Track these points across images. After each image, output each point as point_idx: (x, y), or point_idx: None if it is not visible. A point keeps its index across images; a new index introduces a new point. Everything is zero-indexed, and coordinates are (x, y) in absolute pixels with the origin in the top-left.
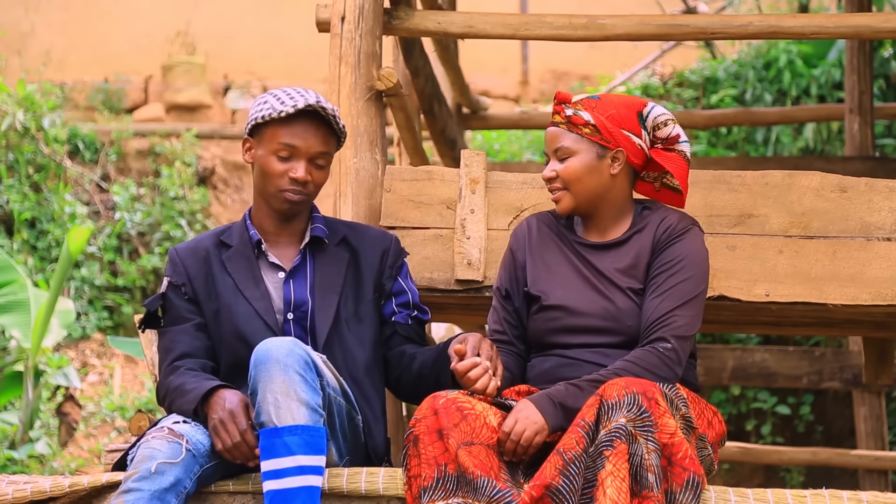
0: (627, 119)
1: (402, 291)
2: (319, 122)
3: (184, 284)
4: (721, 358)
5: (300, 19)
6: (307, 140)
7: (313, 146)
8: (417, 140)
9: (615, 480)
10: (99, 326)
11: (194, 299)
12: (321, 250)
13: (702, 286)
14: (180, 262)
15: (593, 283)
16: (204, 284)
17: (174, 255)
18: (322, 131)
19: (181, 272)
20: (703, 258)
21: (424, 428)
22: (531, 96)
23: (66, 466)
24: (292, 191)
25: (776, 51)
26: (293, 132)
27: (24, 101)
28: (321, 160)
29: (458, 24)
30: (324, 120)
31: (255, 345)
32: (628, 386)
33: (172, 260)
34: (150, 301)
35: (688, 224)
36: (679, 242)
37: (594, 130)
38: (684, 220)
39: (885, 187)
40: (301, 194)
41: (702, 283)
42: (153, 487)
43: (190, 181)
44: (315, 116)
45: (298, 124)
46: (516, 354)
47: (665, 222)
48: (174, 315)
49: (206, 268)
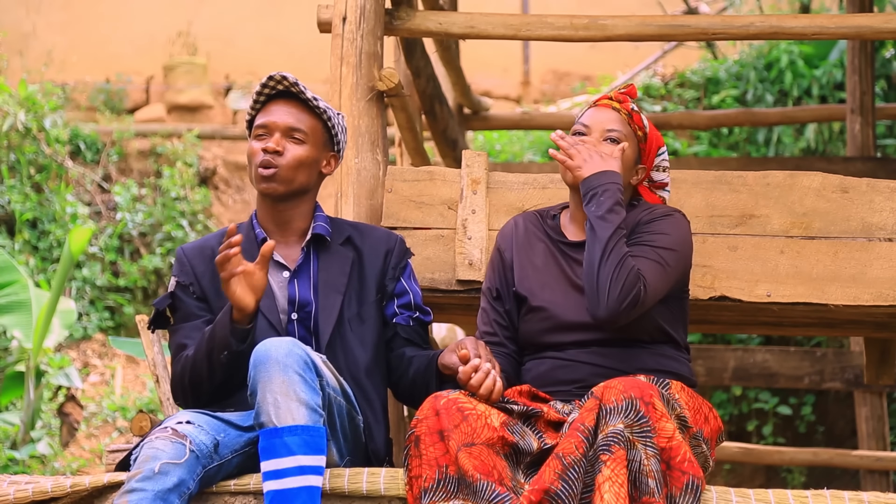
0: (656, 148)
1: (404, 292)
2: (291, 101)
3: (192, 284)
4: (722, 358)
5: (301, 20)
6: (274, 116)
7: (281, 121)
8: (419, 140)
9: (613, 486)
10: (100, 327)
11: (203, 297)
12: (325, 250)
13: (678, 254)
14: (187, 262)
15: (578, 283)
16: (211, 283)
17: (181, 255)
18: (294, 108)
19: (188, 272)
20: (683, 236)
21: (426, 428)
22: (532, 97)
23: (68, 467)
24: (263, 163)
25: (777, 51)
26: (265, 113)
27: (25, 102)
28: (297, 134)
29: (460, 25)
30: (297, 98)
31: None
32: (626, 390)
33: (179, 260)
34: (159, 300)
35: (671, 210)
36: (660, 221)
37: (644, 138)
38: (668, 208)
39: (887, 188)
40: (271, 167)
41: (678, 252)
42: (157, 488)
43: (191, 181)
44: (287, 96)
45: (271, 105)
46: (508, 355)
47: (648, 210)
48: (185, 312)
49: (213, 267)
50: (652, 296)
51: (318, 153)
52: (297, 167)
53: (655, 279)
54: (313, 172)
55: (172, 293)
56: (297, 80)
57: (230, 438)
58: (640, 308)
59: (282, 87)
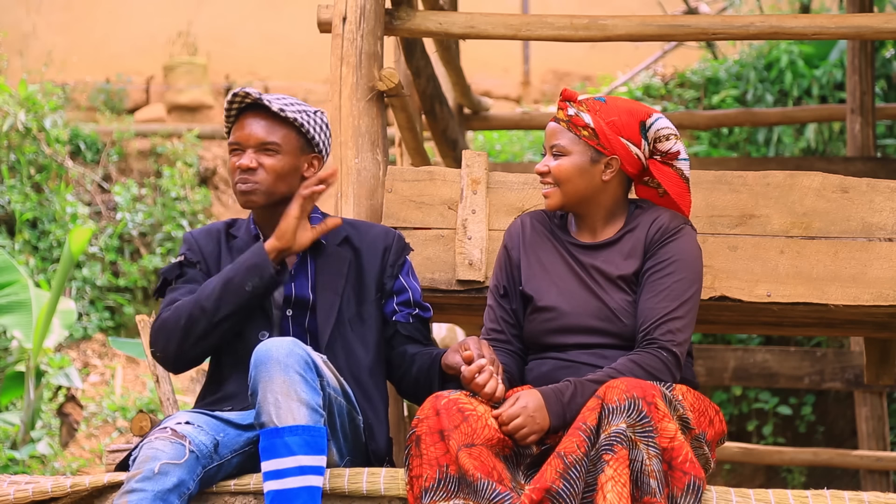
0: (628, 127)
1: (403, 289)
2: (261, 113)
3: (199, 262)
4: (722, 358)
5: (301, 20)
6: (245, 131)
7: (252, 136)
8: (419, 140)
9: (616, 485)
10: (100, 327)
11: (209, 274)
12: (322, 250)
13: (696, 286)
14: (195, 243)
15: (586, 283)
16: (216, 264)
17: (190, 237)
18: (263, 122)
19: (196, 251)
20: (697, 257)
21: (426, 428)
22: (532, 97)
23: (68, 467)
24: (241, 180)
25: (777, 51)
26: (238, 128)
27: (25, 102)
28: (270, 147)
29: (460, 25)
30: (266, 111)
31: (246, 332)
32: (629, 390)
33: (188, 241)
34: (167, 269)
35: (680, 223)
36: (672, 242)
37: (592, 134)
38: (676, 219)
39: (887, 188)
40: (249, 182)
41: (696, 282)
42: (156, 488)
43: (191, 181)
44: (255, 108)
45: (243, 119)
46: (514, 353)
47: (657, 222)
48: (187, 279)
49: (217, 250)
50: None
51: (295, 160)
52: (274, 180)
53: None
54: (294, 179)
55: (180, 263)
56: (260, 95)
57: (230, 438)
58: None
59: (249, 100)
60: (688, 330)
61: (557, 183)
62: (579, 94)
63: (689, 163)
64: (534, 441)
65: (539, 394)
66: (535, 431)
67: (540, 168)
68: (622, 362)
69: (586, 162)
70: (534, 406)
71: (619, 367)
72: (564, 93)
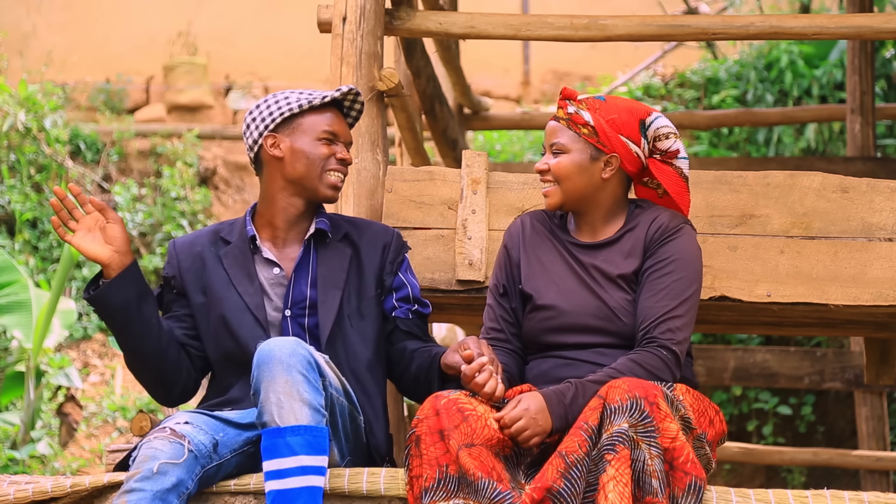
0: (628, 125)
1: (402, 286)
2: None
3: (174, 277)
4: (722, 358)
5: (302, 20)
6: (344, 128)
7: (348, 134)
8: (419, 140)
9: (617, 485)
10: (100, 327)
11: (182, 292)
12: (324, 246)
13: (695, 285)
14: (175, 256)
15: (586, 283)
16: (194, 278)
17: (171, 248)
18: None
19: (174, 265)
20: (696, 257)
21: (426, 428)
22: (532, 97)
23: (68, 467)
24: (339, 170)
25: (777, 51)
26: (332, 120)
27: (25, 102)
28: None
29: (460, 25)
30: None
31: (243, 339)
32: (631, 389)
33: (169, 252)
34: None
35: (680, 222)
36: (672, 241)
37: (592, 132)
38: (676, 218)
39: (887, 188)
40: (345, 176)
41: (695, 281)
42: (155, 488)
43: (191, 181)
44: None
45: (332, 113)
46: (513, 352)
47: (657, 221)
48: (164, 304)
49: (200, 262)
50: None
51: None
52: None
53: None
54: None
55: (161, 284)
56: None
57: (229, 437)
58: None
59: (347, 102)
60: (687, 329)
61: (557, 181)
62: (579, 94)
63: (689, 162)
64: (536, 443)
65: (540, 396)
66: (537, 434)
67: (540, 166)
68: (622, 362)
69: (586, 160)
70: (536, 408)
71: (620, 367)
72: (564, 91)
